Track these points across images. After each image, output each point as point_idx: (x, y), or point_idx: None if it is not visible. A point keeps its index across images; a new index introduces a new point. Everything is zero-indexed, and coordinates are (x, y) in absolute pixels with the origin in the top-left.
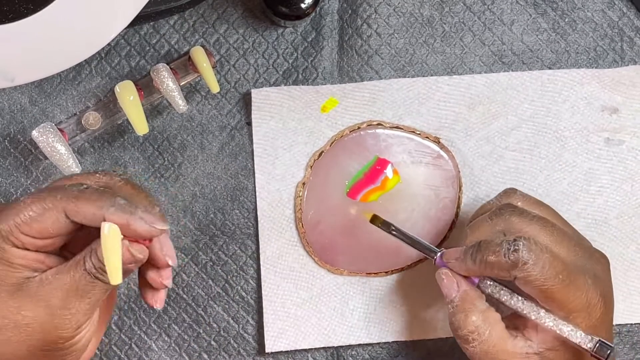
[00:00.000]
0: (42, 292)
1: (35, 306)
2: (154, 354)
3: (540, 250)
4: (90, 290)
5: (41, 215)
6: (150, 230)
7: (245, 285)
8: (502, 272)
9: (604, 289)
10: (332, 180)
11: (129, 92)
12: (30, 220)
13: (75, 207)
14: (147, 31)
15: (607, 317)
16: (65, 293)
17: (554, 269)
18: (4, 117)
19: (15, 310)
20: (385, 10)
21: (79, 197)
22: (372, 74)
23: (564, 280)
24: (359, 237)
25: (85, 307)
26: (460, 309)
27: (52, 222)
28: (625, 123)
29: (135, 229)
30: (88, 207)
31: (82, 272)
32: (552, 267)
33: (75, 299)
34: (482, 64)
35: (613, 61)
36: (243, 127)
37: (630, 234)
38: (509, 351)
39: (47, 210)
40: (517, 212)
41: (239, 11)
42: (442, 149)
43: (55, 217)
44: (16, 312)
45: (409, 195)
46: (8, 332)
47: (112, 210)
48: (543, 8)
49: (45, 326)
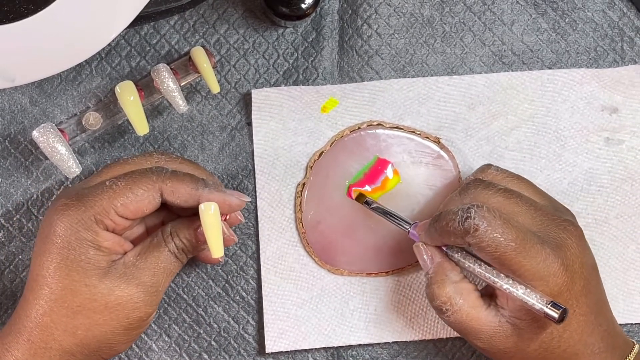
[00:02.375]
0: (130, 272)
1: (128, 285)
2: (155, 354)
3: (493, 218)
4: (174, 268)
5: (139, 195)
6: (241, 203)
7: (246, 285)
8: (457, 239)
9: (570, 259)
10: (332, 181)
11: (129, 92)
12: (128, 201)
13: (172, 187)
14: (148, 31)
15: (574, 287)
16: (153, 272)
17: (506, 236)
18: (5, 118)
19: (107, 291)
20: (386, 11)
21: (174, 179)
22: (373, 74)
23: (516, 248)
24: (359, 238)
25: (167, 283)
26: (434, 280)
27: (148, 201)
28: (625, 123)
29: (230, 204)
30: (184, 188)
31: (167, 253)
32: (504, 235)
33: (162, 277)
34: (482, 64)
35: (613, 61)
36: (243, 127)
37: (630, 233)
38: (482, 320)
39: (145, 190)
40: (483, 185)
41: (239, 11)
42: (442, 149)
43: (152, 197)
44: (108, 294)
45: (409, 196)
46: (97, 314)
47: (207, 190)
48: (543, 8)
49: (137, 304)
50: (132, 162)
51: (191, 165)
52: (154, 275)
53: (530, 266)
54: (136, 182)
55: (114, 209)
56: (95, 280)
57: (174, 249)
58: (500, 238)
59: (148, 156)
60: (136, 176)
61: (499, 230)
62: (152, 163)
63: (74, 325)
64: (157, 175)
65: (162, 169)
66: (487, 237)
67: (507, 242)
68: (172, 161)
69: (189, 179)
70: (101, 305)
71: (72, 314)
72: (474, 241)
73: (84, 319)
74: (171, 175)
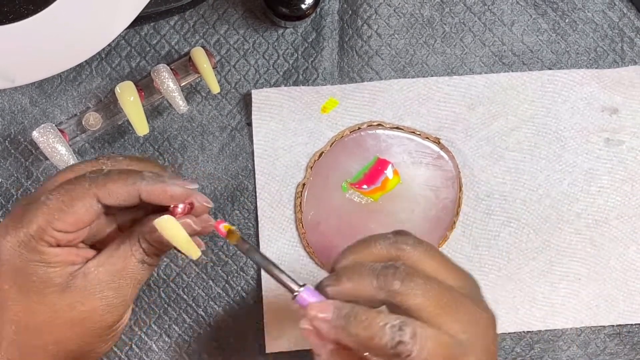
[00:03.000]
0: (92, 285)
1: (91, 299)
2: (154, 354)
3: (428, 339)
4: (142, 277)
5: (73, 206)
6: (185, 191)
7: (246, 285)
8: (380, 357)
9: None
10: (332, 181)
11: (129, 92)
12: (63, 215)
13: (107, 190)
14: (148, 32)
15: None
16: (118, 284)
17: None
18: (5, 118)
19: (68, 308)
20: (386, 11)
21: (108, 180)
22: (373, 75)
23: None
24: (359, 238)
25: (136, 291)
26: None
27: (85, 210)
28: (625, 123)
29: (173, 194)
30: (120, 187)
31: (134, 263)
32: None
33: (128, 288)
34: (482, 64)
35: (613, 62)
36: (243, 127)
37: (630, 234)
38: None
39: (78, 200)
40: (407, 276)
41: (239, 12)
42: (442, 149)
43: (88, 204)
44: (70, 310)
45: (409, 196)
46: (63, 331)
47: (144, 183)
48: (543, 9)
49: (103, 316)
50: (75, 169)
51: (140, 162)
52: (119, 287)
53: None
54: (69, 194)
55: (50, 226)
56: (54, 297)
57: (141, 256)
58: None
59: (93, 161)
60: (69, 186)
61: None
62: (96, 168)
63: (43, 342)
64: (89, 181)
65: (97, 172)
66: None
67: None
68: (118, 163)
69: (124, 176)
70: (65, 322)
71: (38, 333)
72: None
73: (51, 336)
74: (105, 178)
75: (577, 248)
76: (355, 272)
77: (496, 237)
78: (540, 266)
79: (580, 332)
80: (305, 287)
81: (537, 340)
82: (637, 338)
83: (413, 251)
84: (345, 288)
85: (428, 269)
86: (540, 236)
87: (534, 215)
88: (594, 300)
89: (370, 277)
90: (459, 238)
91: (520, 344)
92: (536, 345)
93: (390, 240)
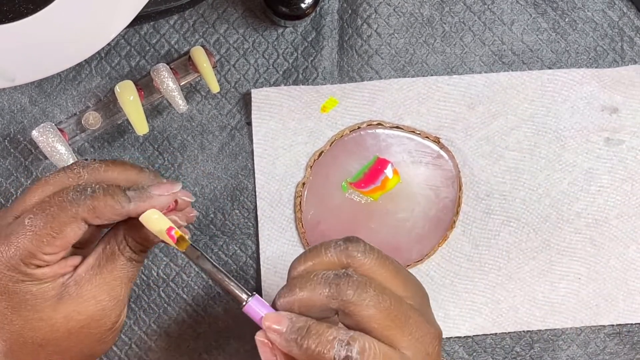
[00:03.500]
0: (85, 291)
1: (86, 306)
2: (155, 354)
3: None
4: (132, 274)
5: (62, 232)
6: (171, 198)
7: (246, 285)
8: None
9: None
10: (332, 181)
11: (129, 92)
12: (53, 239)
13: (94, 214)
14: (147, 31)
15: None
16: (111, 285)
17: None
18: (4, 117)
19: (65, 320)
20: (386, 10)
21: (95, 203)
22: (372, 74)
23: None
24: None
25: (129, 289)
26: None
27: (74, 234)
28: (625, 123)
29: (161, 206)
30: (107, 210)
31: (122, 261)
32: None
33: (121, 287)
34: (482, 63)
35: (613, 61)
36: (243, 127)
37: (630, 233)
38: None
39: (66, 225)
40: (358, 288)
41: (239, 11)
42: (442, 148)
43: (77, 228)
44: (67, 322)
45: (409, 195)
46: (64, 342)
47: (132, 205)
48: (543, 8)
49: (101, 320)
50: (52, 182)
51: (117, 167)
52: (112, 288)
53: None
54: (56, 219)
55: (40, 251)
56: (50, 311)
57: (129, 254)
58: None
59: (69, 171)
60: (54, 211)
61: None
62: (74, 179)
63: (46, 354)
64: (76, 205)
65: (81, 192)
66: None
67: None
68: (95, 171)
69: (110, 199)
70: (64, 334)
71: (39, 348)
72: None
73: (53, 348)
74: (92, 200)
75: (577, 247)
76: (308, 281)
77: (496, 236)
78: (540, 265)
79: (580, 332)
80: (254, 297)
81: (537, 339)
82: (637, 338)
83: (364, 259)
84: (298, 298)
85: (379, 278)
86: (540, 235)
87: (533, 214)
88: (594, 299)
89: (322, 285)
90: (459, 237)
91: (520, 344)
92: (536, 345)
93: (341, 247)
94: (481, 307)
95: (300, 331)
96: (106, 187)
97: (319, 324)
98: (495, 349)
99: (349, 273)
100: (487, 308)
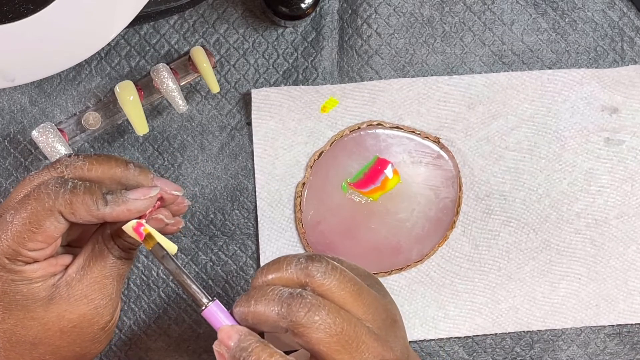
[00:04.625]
0: (76, 291)
1: (77, 306)
2: (154, 354)
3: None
4: (123, 271)
5: (41, 226)
6: (148, 202)
7: (246, 285)
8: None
9: None
10: (332, 181)
11: (129, 92)
12: (33, 234)
13: (70, 210)
14: (147, 31)
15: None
16: (102, 284)
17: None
18: (4, 117)
19: (57, 319)
20: (386, 10)
21: (72, 199)
22: (372, 74)
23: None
24: (359, 238)
25: (120, 287)
26: None
27: (54, 227)
28: (625, 123)
29: (137, 210)
30: (84, 209)
31: (112, 260)
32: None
33: (112, 285)
34: (482, 64)
35: (613, 61)
36: (243, 127)
37: (630, 234)
38: None
39: (44, 219)
40: (313, 306)
41: (239, 11)
42: (442, 149)
43: (56, 222)
44: (59, 321)
45: (409, 196)
46: (56, 341)
47: (108, 209)
48: (543, 8)
49: (93, 319)
50: (36, 180)
51: (101, 165)
52: (103, 286)
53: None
54: (34, 213)
55: (23, 247)
56: (41, 311)
57: (118, 252)
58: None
59: (52, 170)
60: (33, 205)
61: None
62: (56, 174)
63: (39, 354)
64: (53, 197)
65: (61, 185)
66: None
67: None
68: (78, 170)
69: (89, 198)
70: (56, 333)
71: (32, 347)
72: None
73: (46, 347)
74: (70, 196)
75: (577, 248)
76: (263, 295)
77: (496, 236)
78: (540, 266)
79: (580, 332)
80: (215, 302)
81: (537, 340)
82: (637, 338)
83: (323, 280)
84: (252, 310)
85: (337, 300)
86: (540, 236)
87: (533, 214)
88: (594, 300)
89: (275, 302)
90: (459, 237)
91: (520, 344)
92: (536, 345)
93: (302, 264)
94: (481, 307)
95: (242, 352)
96: (88, 186)
97: (262, 348)
98: (495, 349)
99: (303, 294)
100: (487, 308)
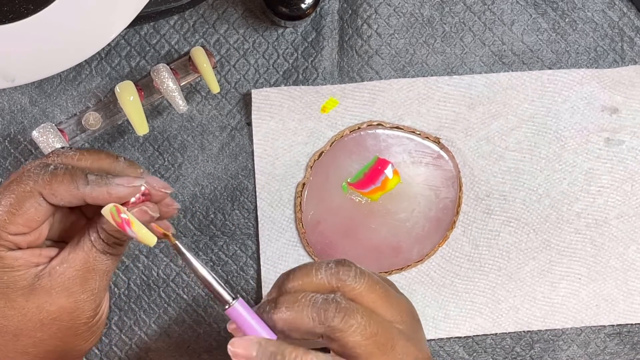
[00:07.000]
0: (57, 283)
1: (58, 298)
2: (154, 354)
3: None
4: (107, 267)
5: (21, 207)
6: (130, 190)
7: (246, 285)
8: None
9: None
10: (332, 181)
11: (129, 92)
12: (13, 217)
13: (50, 190)
14: (148, 31)
15: None
16: (84, 278)
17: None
18: (4, 118)
19: (37, 310)
20: (386, 11)
21: (52, 180)
22: (373, 74)
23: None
24: (359, 238)
25: (104, 283)
26: None
27: (34, 210)
28: (625, 123)
29: (118, 195)
30: (63, 188)
31: (94, 253)
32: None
33: (95, 281)
34: (482, 64)
35: (613, 61)
36: (243, 127)
37: (630, 234)
38: None
39: (24, 200)
40: (349, 320)
41: (239, 11)
42: (442, 149)
43: (36, 204)
44: (39, 312)
45: (409, 196)
46: (37, 332)
47: (88, 188)
48: (543, 8)
49: (74, 313)
50: (26, 167)
51: (91, 156)
52: (85, 280)
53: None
54: (14, 194)
55: (4, 231)
56: (22, 301)
57: (102, 247)
58: None
59: (44, 159)
60: (13, 187)
61: None
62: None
63: (22, 346)
64: (33, 180)
65: (42, 167)
66: None
67: None
68: (68, 159)
69: (68, 178)
70: (37, 324)
71: (14, 337)
72: None
73: (27, 339)
74: (50, 176)
75: (577, 248)
76: (295, 302)
77: (496, 236)
78: (540, 266)
79: (580, 332)
80: (239, 300)
81: (537, 339)
82: (637, 338)
83: (354, 284)
84: (284, 317)
85: (368, 303)
86: (540, 236)
87: (533, 215)
88: (594, 299)
89: (309, 309)
90: (459, 237)
91: (520, 344)
92: (536, 345)
93: (332, 270)
94: (481, 307)
95: (273, 356)
96: (70, 168)
97: (295, 349)
98: (496, 349)
99: (337, 299)
100: (487, 308)
